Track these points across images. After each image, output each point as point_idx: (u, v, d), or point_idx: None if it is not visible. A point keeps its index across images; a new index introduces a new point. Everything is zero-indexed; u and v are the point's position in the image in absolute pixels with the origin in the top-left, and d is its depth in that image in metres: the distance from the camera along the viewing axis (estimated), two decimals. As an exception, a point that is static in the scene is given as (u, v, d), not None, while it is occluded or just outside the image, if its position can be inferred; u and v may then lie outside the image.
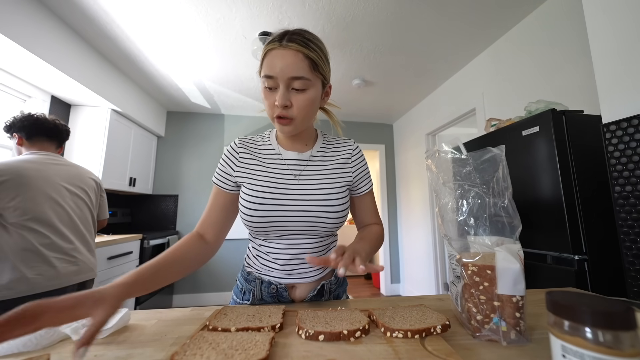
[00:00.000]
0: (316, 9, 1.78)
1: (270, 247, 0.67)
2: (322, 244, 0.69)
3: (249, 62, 2.39)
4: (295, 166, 0.69)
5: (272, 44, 0.60)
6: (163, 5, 1.74)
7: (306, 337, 0.44)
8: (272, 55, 0.59)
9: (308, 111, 0.62)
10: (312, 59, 0.59)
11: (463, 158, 0.53)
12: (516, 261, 0.43)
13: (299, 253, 0.66)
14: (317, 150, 0.72)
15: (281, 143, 0.72)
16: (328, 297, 0.69)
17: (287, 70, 0.58)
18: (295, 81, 0.59)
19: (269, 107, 0.62)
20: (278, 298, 0.66)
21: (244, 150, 0.70)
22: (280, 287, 0.66)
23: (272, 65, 0.58)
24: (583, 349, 0.27)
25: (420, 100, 3.24)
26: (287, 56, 0.58)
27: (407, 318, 0.49)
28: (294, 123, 0.62)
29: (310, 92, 0.61)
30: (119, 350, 0.41)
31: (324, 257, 0.50)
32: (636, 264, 0.85)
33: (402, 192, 3.71)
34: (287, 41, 0.58)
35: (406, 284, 3.58)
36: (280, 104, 0.59)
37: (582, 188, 1.05)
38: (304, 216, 0.63)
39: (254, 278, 0.68)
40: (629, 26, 0.91)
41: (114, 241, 2.09)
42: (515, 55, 1.94)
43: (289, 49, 0.58)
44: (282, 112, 0.60)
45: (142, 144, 3.05)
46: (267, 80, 0.60)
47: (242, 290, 0.70)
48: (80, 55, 2.05)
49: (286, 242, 0.66)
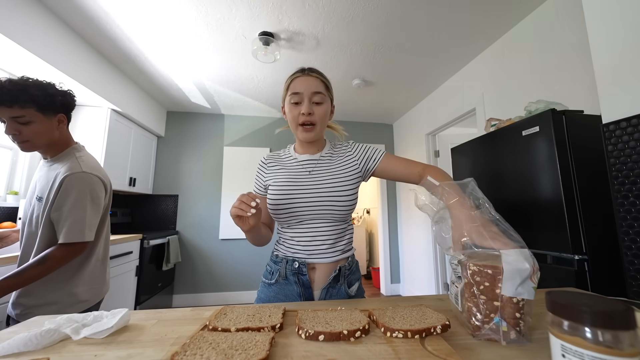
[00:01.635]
0: (316, 9, 1.78)
1: (293, 232, 0.81)
2: (337, 228, 0.81)
3: (249, 62, 2.39)
4: (309, 165, 0.85)
5: (297, 74, 0.83)
6: (163, 6, 1.74)
7: (306, 337, 0.44)
8: (298, 80, 0.82)
9: (324, 119, 0.83)
10: (325, 83, 0.84)
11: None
12: (526, 263, 0.42)
13: (317, 235, 0.79)
14: (326, 152, 0.89)
15: (297, 151, 0.91)
16: (343, 281, 0.79)
17: (311, 88, 0.80)
18: (316, 95, 0.80)
19: (294, 118, 0.81)
20: (298, 276, 0.78)
21: (271, 160, 0.91)
22: (302, 263, 0.78)
23: (298, 86, 0.80)
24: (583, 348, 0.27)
25: (420, 100, 3.24)
26: (309, 80, 0.82)
27: (407, 318, 0.49)
28: (316, 129, 0.81)
29: (325, 105, 0.82)
30: (119, 350, 0.41)
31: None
32: (636, 264, 0.85)
33: (402, 192, 3.71)
34: (308, 72, 0.83)
35: (406, 284, 3.58)
36: (306, 111, 0.79)
37: (582, 188, 1.05)
38: (318, 203, 0.78)
39: (281, 259, 0.81)
40: (628, 26, 0.91)
41: (114, 241, 2.08)
42: (515, 55, 1.94)
43: (310, 76, 0.82)
44: (307, 119, 0.80)
45: (142, 144, 3.05)
46: (293, 97, 0.80)
47: (270, 271, 0.83)
48: (80, 55, 2.05)
49: (305, 227, 0.80)
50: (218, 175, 3.50)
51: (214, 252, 3.37)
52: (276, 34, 2.01)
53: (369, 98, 3.15)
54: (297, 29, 1.97)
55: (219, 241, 3.39)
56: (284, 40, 2.09)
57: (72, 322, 0.47)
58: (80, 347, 0.42)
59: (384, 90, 2.97)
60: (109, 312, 0.51)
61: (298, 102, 0.80)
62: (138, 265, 2.45)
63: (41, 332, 0.42)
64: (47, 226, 0.99)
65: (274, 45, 2.07)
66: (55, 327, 0.44)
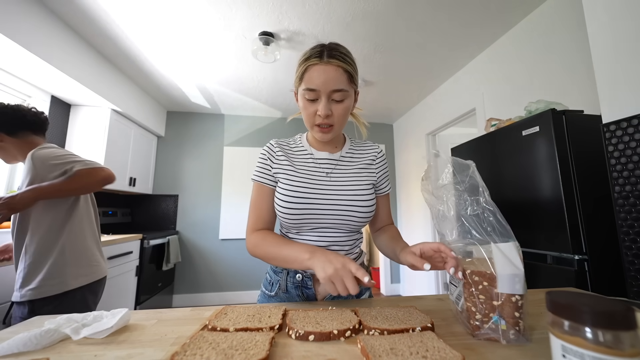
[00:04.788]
0: (316, 9, 1.78)
1: (302, 239, 0.71)
2: (350, 239, 0.73)
3: (249, 62, 2.39)
4: (327, 165, 0.74)
5: (313, 59, 0.64)
6: (163, 5, 1.74)
7: (296, 337, 0.44)
8: (314, 70, 0.64)
9: (345, 119, 0.70)
10: (349, 73, 0.65)
11: (466, 163, 0.53)
12: (515, 259, 0.43)
13: (329, 245, 0.70)
14: (346, 152, 0.78)
15: (313, 145, 0.78)
16: (349, 296, 0.69)
17: (330, 84, 0.63)
18: (336, 93, 0.65)
19: (309, 116, 0.68)
20: (302, 290, 0.69)
21: (280, 150, 0.76)
22: (306, 276, 0.69)
23: (315, 80, 0.64)
24: (583, 349, 0.27)
25: (420, 100, 3.24)
26: (329, 71, 0.63)
27: (390, 318, 0.49)
28: (334, 130, 0.69)
29: (347, 102, 0.67)
30: (119, 350, 0.41)
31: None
32: (636, 264, 0.85)
33: (402, 192, 3.71)
34: (327, 57, 0.63)
35: (406, 284, 3.58)
36: (323, 114, 0.65)
37: (582, 188, 1.05)
38: (336, 210, 0.68)
39: (282, 269, 0.71)
40: (629, 26, 0.91)
41: (114, 241, 2.08)
42: (515, 55, 1.94)
43: (330, 64, 0.63)
44: (324, 121, 0.67)
45: (142, 144, 3.05)
46: (308, 93, 0.65)
47: (270, 282, 0.74)
48: (80, 55, 2.05)
49: (317, 235, 0.70)
50: (218, 175, 3.50)
51: (214, 252, 3.37)
52: (276, 34, 2.01)
53: (369, 98, 3.15)
54: (297, 29, 1.96)
55: (219, 241, 3.39)
56: (284, 40, 2.09)
57: (72, 322, 0.47)
58: (80, 347, 0.42)
59: (384, 90, 2.97)
60: (109, 312, 0.51)
61: (314, 99, 0.66)
62: (138, 265, 2.45)
63: (41, 332, 0.42)
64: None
65: (274, 45, 2.07)
66: (55, 327, 0.44)
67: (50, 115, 2.22)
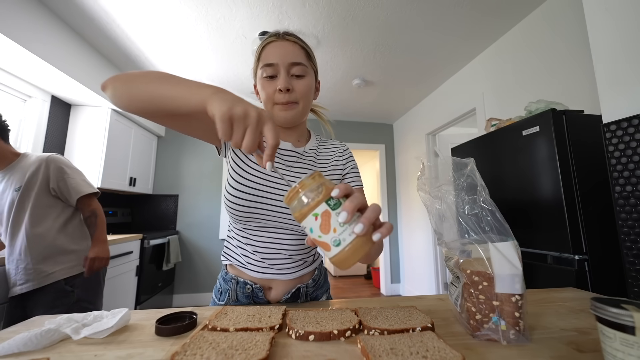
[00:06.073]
0: (316, 9, 1.78)
1: (251, 237, 0.65)
2: (303, 246, 0.66)
3: (249, 61, 2.39)
4: (290, 157, 0.67)
5: (270, 38, 0.64)
6: (163, 5, 1.74)
7: (296, 337, 0.44)
8: (271, 47, 0.63)
9: (308, 97, 0.65)
10: (306, 50, 0.66)
11: (464, 162, 0.53)
12: (513, 259, 0.43)
13: (278, 250, 0.64)
14: (311, 148, 0.72)
15: None
16: (304, 300, 0.67)
17: (288, 57, 0.61)
18: (295, 67, 0.62)
19: (268, 96, 0.63)
20: (253, 299, 0.64)
21: None
22: (256, 287, 0.64)
23: (272, 54, 0.62)
24: None
25: (420, 100, 3.24)
26: (286, 45, 0.63)
27: (390, 318, 0.49)
28: (297, 108, 0.63)
29: (308, 79, 0.64)
30: (119, 350, 0.41)
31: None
32: (636, 264, 0.85)
33: (402, 192, 3.71)
34: (283, 35, 0.64)
35: (406, 284, 3.58)
36: (283, 86, 0.60)
37: (583, 188, 1.05)
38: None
39: (230, 278, 0.66)
40: (629, 26, 0.91)
41: (114, 241, 2.08)
42: (515, 55, 1.94)
43: (286, 40, 0.63)
44: (285, 98, 0.61)
45: (142, 144, 3.05)
46: (266, 69, 0.62)
47: (219, 290, 0.69)
48: (80, 55, 2.05)
49: (266, 236, 0.64)
50: (218, 175, 3.50)
51: (214, 252, 3.37)
52: (276, 34, 2.01)
53: (369, 98, 3.15)
54: (297, 29, 1.96)
55: (219, 241, 3.39)
56: (284, 40, 2.08)
57: (72, 322, 0.47)
58: (80, 347, 0.42)
59: (384, 90, 2.97)
60: (109, 312, 0.51)
61: (273, 75, 0.61)
62: (138, 265, 2.45)
63: (41, 332, 0.42)
64: (38, 197, 1.24)
65: (274, 45, 2.07)
66: (55, 327, 0.44)
67: (51, 115, 2.23)
